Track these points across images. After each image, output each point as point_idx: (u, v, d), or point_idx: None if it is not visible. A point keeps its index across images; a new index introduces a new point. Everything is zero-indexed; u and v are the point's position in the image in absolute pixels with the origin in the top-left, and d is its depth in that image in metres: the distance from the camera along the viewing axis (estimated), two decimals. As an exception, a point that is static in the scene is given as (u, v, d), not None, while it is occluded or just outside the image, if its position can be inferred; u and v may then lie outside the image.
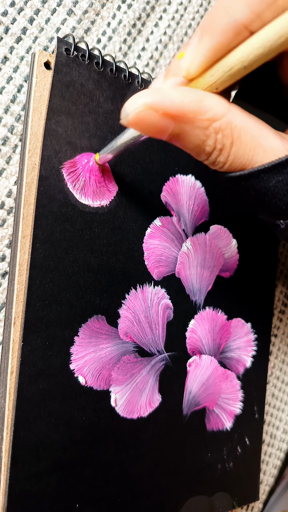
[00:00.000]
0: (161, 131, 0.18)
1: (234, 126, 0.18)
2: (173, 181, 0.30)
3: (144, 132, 0.19)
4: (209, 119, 0.18)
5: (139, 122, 0.18)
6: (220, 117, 0.18)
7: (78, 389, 0.25)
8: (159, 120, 0.18)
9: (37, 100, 0.24)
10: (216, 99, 0.18)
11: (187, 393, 0.30)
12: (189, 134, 0.18)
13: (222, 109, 0.18)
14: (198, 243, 0.31)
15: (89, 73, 0.26)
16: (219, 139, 0.18)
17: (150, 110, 0.18)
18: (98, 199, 0.26)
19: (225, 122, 0.18)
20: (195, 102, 0.18)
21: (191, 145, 0.19)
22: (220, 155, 0.19)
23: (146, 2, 0.31)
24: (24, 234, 0.24)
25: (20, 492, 0.22)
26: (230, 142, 0.18)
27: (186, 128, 0.18)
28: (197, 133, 0.18)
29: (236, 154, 0.18)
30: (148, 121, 0.18)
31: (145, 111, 0.18)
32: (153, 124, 0.18)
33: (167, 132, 0.18)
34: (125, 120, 0.18)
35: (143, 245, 0.28)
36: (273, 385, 0.40)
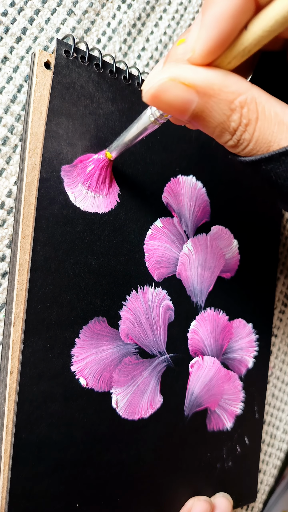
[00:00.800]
0: (184, 107, 0.17)
1: (259, 101, 0.17)
2: (174, 182, 0.30)
3: (166, 108, 0.18)
4: (234, 92, 0.17)
5: (162, 95, 0.17)
6: (244, 92, 0.17)
7: (79, 390, 0.25)
8: (183, 94, 0.17)
9: (37, 100, 0.24)
10: (238, 77, 0.17)
11: (189, 394, 0.30)
12: (214, 109, 0.17)
13: (245, 85, 0.17)
14: (199, 244, 0.31)
15: (89, 75, 0.26)
16: (244, 113, 0.17)
17: (175, 82, 0.17)
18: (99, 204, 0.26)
19: (250, 96, 0.17)
20: (220, 75, 0.17)
21: (215, 122, 0.18)
22: (245, 131, 0.18)
23: (146, 2, 0.31)
24: (24, 234, 0.23)
25: (21, 493, 0.22)
26: (255, 117, 0.17)
27: (210, 103, 0.17)
28: (222, 107, 0.17)
29: (261, 129, 0.18)
30: (172, 95, 0.17)
31: (169, 82, 0.17)
32: (177, 98, 0.17)
33: (190, 109, 0.17)
34: (147, 94, 0.17)
35: (144, 247, 0.28)
36: (273, 385, 0.40)
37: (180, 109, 0.18)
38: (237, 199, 0.34)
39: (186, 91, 0.17)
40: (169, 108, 0.18)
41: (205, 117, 0.18)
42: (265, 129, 0.18)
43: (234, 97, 0.17)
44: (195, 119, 0.18)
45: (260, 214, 0.35)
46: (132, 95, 0.27)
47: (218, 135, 0.19)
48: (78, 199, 0.25)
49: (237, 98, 0.17)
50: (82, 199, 0.25)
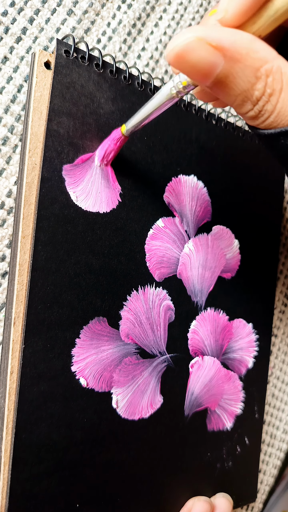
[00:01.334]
0: (209, 69, 0.17)
1: (285, 71, 0.17)
2: (176, 182, 0.30)
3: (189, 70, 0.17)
4: (261, 58, 0.16)
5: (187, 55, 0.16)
6: (271, 60, 0.17)
7: (79, 391, 0.25)
8: (210, 55, 0.16)
9: (38, 100, 0.24)
10: (266, 44, 0.17)
11: (189, 394, 0.30)
12: (239, 76, 0.17)
13: (272, 53, 0.17)
14: (200, 244, 0.31)
15: (89, 75, 0.25)
16: (269, 82, 0.17)
17: (202, 42, 0.16)
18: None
19: (276, 66, 0.17)
20: (248, 40, 0.16)
21: (238, 89, 0.17)
22: (268, 102, 0.17)
23: (146, 2, 0.31)
24: (24, 234, 0.23)
25: (21, 493, 0.22)
26: (280, 88, 0.17)
27: (236, 68, 0.17)
28: (248, 74, 0.17)
29: (285, 101, 0.17)
30: (197, 56, 0.16)
31: (196, 42, 0.16)
32: (202, 59, 0.16)
33: (214, 73, 0.17)
34: (172, 53, 0.16)
35: (145, 247, 0.28)
36: (273, 385, 0.40)
37: (204, 72, 0.17)
38: (238, 199, 0.34)
39: (212, 53, 0.16)
40: (193, 70, 0.17)
41: (229, 83, 0.17)
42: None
43: (260, 64, 0.17)
44: (217, 85, 0.17)
45: (260, 215, 0.35)
46: (133, 95, 0.27)
47: (239, 104, 0.18)
48: (79, 198, 0.25)
49: (264, 65, 0.17)
50: (84, 198, 0.25)
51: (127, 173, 0.27)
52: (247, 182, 0.34)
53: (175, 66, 0.17)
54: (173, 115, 0.30)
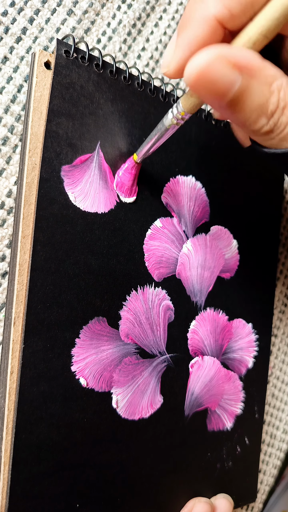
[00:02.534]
0: (228, 87, 0.17)
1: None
2: (174, 182, 0.30)
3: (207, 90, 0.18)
4: (273, 75, 0.18)
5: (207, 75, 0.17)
6: (280, 76, 0.18)
7: (79, 391, 0.25)
8: (229, 73, 0.17)
9: (38, 100, 0.24)
10: (272, 64, 0.18)
11: (189, 394, 0.30)
12: (254, 91, 0.18)
13: (279, 71, 0.18)
14: (199, 244, 0.31)
15: (89, 75, 0.25)
16: (282, 96, 0.18)
17: (222, 60, 0.17)
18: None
19: (285, 81, 0.18)
20: (258, 58, 0.18)
21: (254, 105, 0.18)
22: (283, 115, 0.18)
23: (146, 2, 0.31)
24: (24, 234, 0.23)
25: (21, 493, 0.22)
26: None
27: (252, 83, 0.18)
28: (263, 88, 0.18)
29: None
30: (218, 74, 0.17)
31: (217, 60, 0.17)
32: (222, 77, 0.17)
33: (232, 91, 0.17)
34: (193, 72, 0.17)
35: (143, 247, 0.28)
36: (273, 385, 0.40)
37: (223, 90, 0.17)
38: (237, 199, 0.34)
39: (232, 71, 0.17)
40: (213, 89, 0.17)
41: (245, 100, 0.18)
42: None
43: (272, 80, 0.18)
44: (232, 103, 0.18)
45: (259, 214, 0.35)
46: (132, 96, 0.27)
47: (254, 121, 0.19)
48: (78, 199, 0.25)
49: (275, 81, 0.18)
50: (82, 199, 0.25)
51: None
52: (246, 182, 0.34)
53: (195, 87, 0.18)
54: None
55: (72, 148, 0.25)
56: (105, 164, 0.26)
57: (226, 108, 0.18)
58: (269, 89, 0.18)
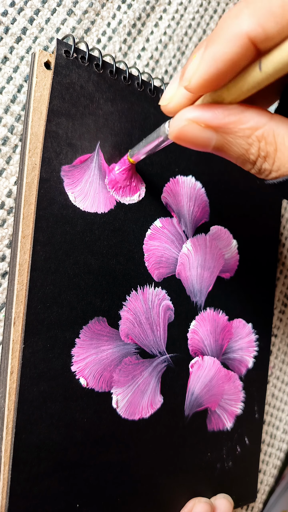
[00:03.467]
0: (204, 143, 0.19)
1: (277, 133, 0.18)
2: (174, 182, 0.30)
3: (188, 145, 0.20)
4: (251, 127, 0.18)
5: (184, 136, 0.19)
6: (261, 126, 0.18)
7: (79, 391, 0.25)
8: (202, 133, 0.19)
9: (37, 100, 0.24)
10: (257, 111, 0.18)
11: (189, 394, 0.30)
12: (232, 144, 0.19)
13: (263, 118, 0.18)
14: (199, 244, 0.31)
15: (88, 75, 0.25)
16: (262, 146, 0.18)
17: (193, 124, 0.19)
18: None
19: (267, 130, 0.18)
20: (235, 113, 0.18)
21: (235, 154, 0.19)
22: (265, 162, 0.19)
23: (146, 2, 0.31)
24: (24, 234, 0.23)
25: (21, 493, 0.22)
26: (273, 149, 0.18)
27: (228, 139, 0.19)
28: (240, 142, 0.19)
29: (281, 159, 0.19)
30: (192, 135, 0.19)
31: (188, 125, 0.19)
32: (197, 137, 0.19)
33: (211, 144, 0.19)
34: (172, 136, 0.20)
35: (143, 247, 0.28)
36: (273, 385, 0.40)
37: (201, 145, 0.19)
38: (236, 199, 0.34)
39: (204, 131, 0.19)
40: (192, 145, 0.20)
41: (226, 151, 0.19)
42: (285, 159, 0.19)
43: (250, 133, 0.18)
44: (217, 151, 0.20)
45: (259, 214, 0.35)
46: (132, 96, 0.27)
47: (240, 164, 0.20)
48: (78, 199, 0.25)
49: (254, 133, 0.18)
50: (82, 199, 0.25)
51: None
52: (246, 182, 0.34)
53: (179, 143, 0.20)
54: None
55: (72, 148, 0.25)
56: (105, 164, 0.26)
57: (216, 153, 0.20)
58: (247, 142, 0.18)
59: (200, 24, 0.35)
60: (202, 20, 0.35)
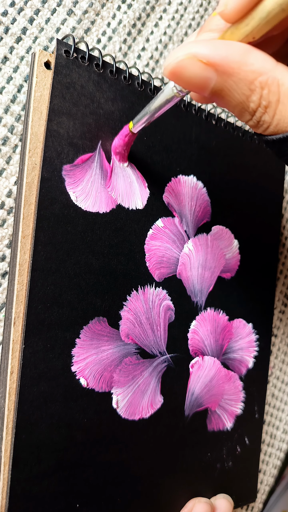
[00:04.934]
0: (203, 84, 0.17)
1: (282, 83, 0.17)
2: (175, 182, 0.30)
3: (184, 84, 0.18)
4: (255, 71, 0.17)
5: (180, 72, 0.17)
6: (266, 72, 0.17)
7: (79, 391, 0.25)
8: (202, 71, 0.17)
9: (38, 100, 0.24)
10: (262, 55, 0.17)
11: (190, 394, 0.30)
12: (233, 89, 0.17)
13: (269, 64, 0.17)
14: (200, 244, 0.31)
15: (89, 75, 0.25)
16: (264, 95, 0.17)
17: (193, 59, 0.17)
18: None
19: (272, 77, 0.17)
20: (240, 53, 0.17)
21: (234, 101, 0.18)
22: (265, 113, 0.17)
23: (146, 2, 0.31)
24: (24, 234, 0.23)
25: (21, 493, 0.22)
26: (276, 99, 0.17)
27: (229, 82, 0.17)
28: (242, 87, 0.17)
29: (282, 112, 0.17)
30: (190, 71, 0.17)
31: (187, 59, 0.17)
32: (195, 75, 0.17)
33: (209, 87, 0.17)
34: (166, 70, 0.18)
35: (144, 247, 0.28)
36: (273, 385, 0.40)
37: (198, 86, 0.17)
38: (238, 199, 0.34)
39: (204, 68, 0.17)
40: (188, 85, 0.18)
41: (224, 96, 0.18)
42: (286, 112, 0.17)
43: (254, 77, 0.17)
44: (214, 96, 0.18)
45: (260, 215, 0.35)
46: (132, 95, 0.27)
47: (238, 114, 0.18)
48: (79, 198, 0.25)
49: (258, 78, 0.17)
50: (83, 198, 0.25)
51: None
52: (247, 182, 0.34)
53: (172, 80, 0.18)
54: (173, 115, 0.30)
55: (73, 147, 0.25)
56: (106, 164, 0.26)
57: (211, 99, 0.18)
58: (249, 87, 0.17)
59: (200, 24, 0.35)
60: (202, 20, 0.35)
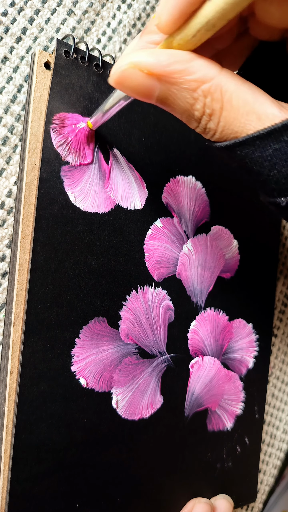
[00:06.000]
0: (147, 92, 0.18)
1: (225, 90, 0.17)
2: (174, 182, 0.30)
3: (130, 93, 0.18)
4: (197, 80, 0.17)
5: (124, 81, 0.17)
6: (209, 80, 0.17)
7: (79, 391, 0.25)
8: (144, 80, 0.17)
9: (37, 100, 0.24)
10: (206, 61, 0.17)
11: (190, 394, 0.30)
12: (177, 97, 0.17)
13: (212, 71, 0.17)
14: (199, 244, 0.31)
15: (88, 75, 0.26)
16: (207, 103, 0.17)
17: (135, 69, 0.17)
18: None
19: (214, 85, 0.17)
20: (182, 62, 0.17)
21: (179, 109, 0.18)
22: (210, 121, 0.18)
23: (146, 2, 0.31)
24: (24, 234, 0.23)
25: (21, 493, 0.22)
26: (219, 107, 0.17)
27: (173, 90, 0.17)
28: (185, 95, 0.17)
29: (227, 119, 0.17)
30: (133, 81, 0.17)
31: (129, 69, 0.17)
32: (138, 84, 0.17)
33: (154, 95, 0.18)
34: (111, 79, 0.18)
35: (144, 247, 0.28)
36: (273, 385, 0.40)
37: (143, 94, 0.18)
38: (237, 199, 0.34)
39: (146, 78, 0.17)
40: (133, 93, 0.18)
41: (170, 104, 0.18)
42: (231, 119, 0.17)
43: (197, 85, 0.17)
44: (161, 104, 0.18)
45: (260, 214, 0.35)
46: (132, 96, 0.27)
47: (185, 121, 0.19)
48: (78, 199, 0.25)
49: (200, 86, 0.17)
50: (82, 199, 0.25)
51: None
52: (246, 182, 0.34)
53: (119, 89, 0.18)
54: (172, 116, 0.29)
55: None
56: (104, 164, 0.26)
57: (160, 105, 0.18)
58: (192, 96, 0.17)
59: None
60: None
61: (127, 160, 0.27)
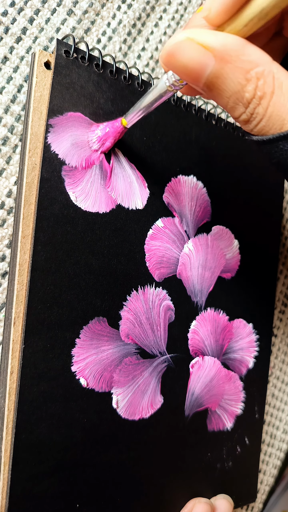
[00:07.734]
0: (198, 69, 0.17)
1: (277, 76, 0.17)
2: (175, 182, 0.30)
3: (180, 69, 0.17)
4: (252, 61, 0.17)
5: (178, 54, 0.17)
6: (263, 63, 0.17)
7: (79, 391, 0.25)
8: (199, 55, 0.17)
9: (37, 100, 0.24)
10: (259, 50, 0.17)
11: (190, 394, 0.30)
12: (229, 76, 0.17)
13: (265, 57, 0.17)
14: (200, 244, 0.31)
15: (89, 75, 0.25)
16: (260, 85, 0.17)
17: (192, 42, 0.17)
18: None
19: (267, 69, 0.17)
20: (238, 43, 0.17)
21: (229, 90, 0.17)
22: (259, 105, 0.17)
23: (146, 2, 0.31)
24: (24, 234, 0.23)
25: (21, 493, 0.22)
26: (271, 91, 0.17)
27: (226, 69, 0.17)
28: (238, 75, 0.17)
29: (276, 105, 0.17)
30: (187, 55, 0.17)
31: (186, 42, 0.17)
32: (192, 58, 0.17)
33: (205, 74, 0.17)
34: (163, 53, 0.17)
35: (144, 247, 0.28)
36: (273, 385, 0.40)
37: (194, 72, 0.17)
38: (238, 199, 0.34)
39: (202, 52, 0.17)
40: (184, 69, 0.17)
41: (220, 85, 0.17)
42: (280, 105, 0.17)
43: (251, 67, 0.17)
44: (209, 86, 0.18)
45: (260, 215, 0.35)
46: (132, 95, 0.27)
47: (231, 107, 0.18)
48: (79, 199, 0.25)
49: (254, 68, 0.17)
50: (83, 199, 0.25)
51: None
52: (247, 182, 0.34)
53: (167, 66, 0.18)
54: (173, 116, 0.30)
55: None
56: (106, 164, 0.26)
57: (204, 90, 0.18)
58: (245, 76, 0.17)
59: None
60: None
61: (129, 160, 0.27)
